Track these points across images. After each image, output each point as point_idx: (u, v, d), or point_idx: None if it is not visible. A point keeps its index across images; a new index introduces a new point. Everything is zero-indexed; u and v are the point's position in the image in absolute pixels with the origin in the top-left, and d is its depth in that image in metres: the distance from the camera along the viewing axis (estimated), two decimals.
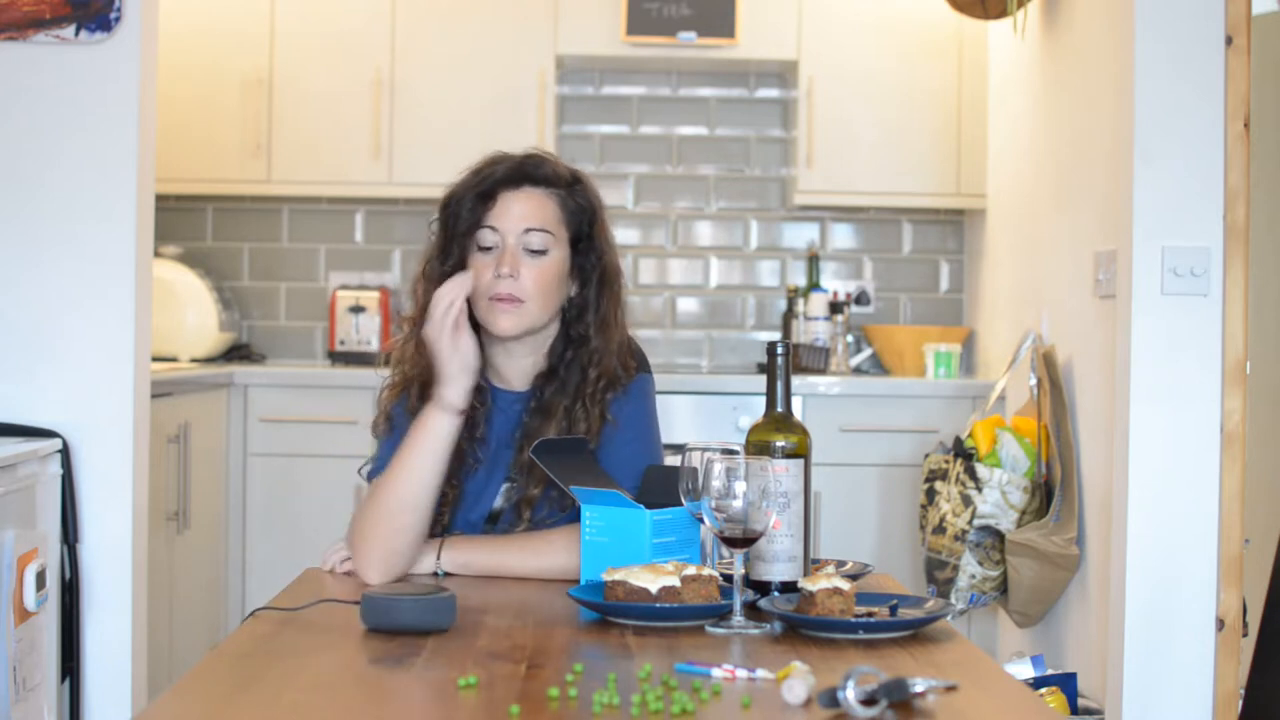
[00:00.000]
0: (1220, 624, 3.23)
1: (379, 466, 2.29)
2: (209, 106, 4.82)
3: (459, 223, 2.28)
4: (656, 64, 5.07)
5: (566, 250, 2.30)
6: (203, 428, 4.34)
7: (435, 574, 2.20)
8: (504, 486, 2.33)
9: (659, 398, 2.49)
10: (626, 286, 2.40)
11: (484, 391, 2.31)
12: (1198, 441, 3.24)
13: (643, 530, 2.03)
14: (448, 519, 2.28)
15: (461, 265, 2.27)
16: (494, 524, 2.32)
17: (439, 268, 2.30)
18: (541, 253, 2.26)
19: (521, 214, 2.27)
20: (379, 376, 2.41)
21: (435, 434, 2.19)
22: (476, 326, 2.26)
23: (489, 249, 2.26)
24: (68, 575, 3.20)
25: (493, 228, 2.26)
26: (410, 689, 1.63)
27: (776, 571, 2.01)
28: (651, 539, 2.03)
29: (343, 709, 1.56)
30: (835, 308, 4.96)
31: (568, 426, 2.28)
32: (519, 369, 2.33)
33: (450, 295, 2.19)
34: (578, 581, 2.13)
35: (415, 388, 2.30)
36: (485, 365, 2.31)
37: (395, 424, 2.30)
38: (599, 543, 2.07)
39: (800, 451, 2.03)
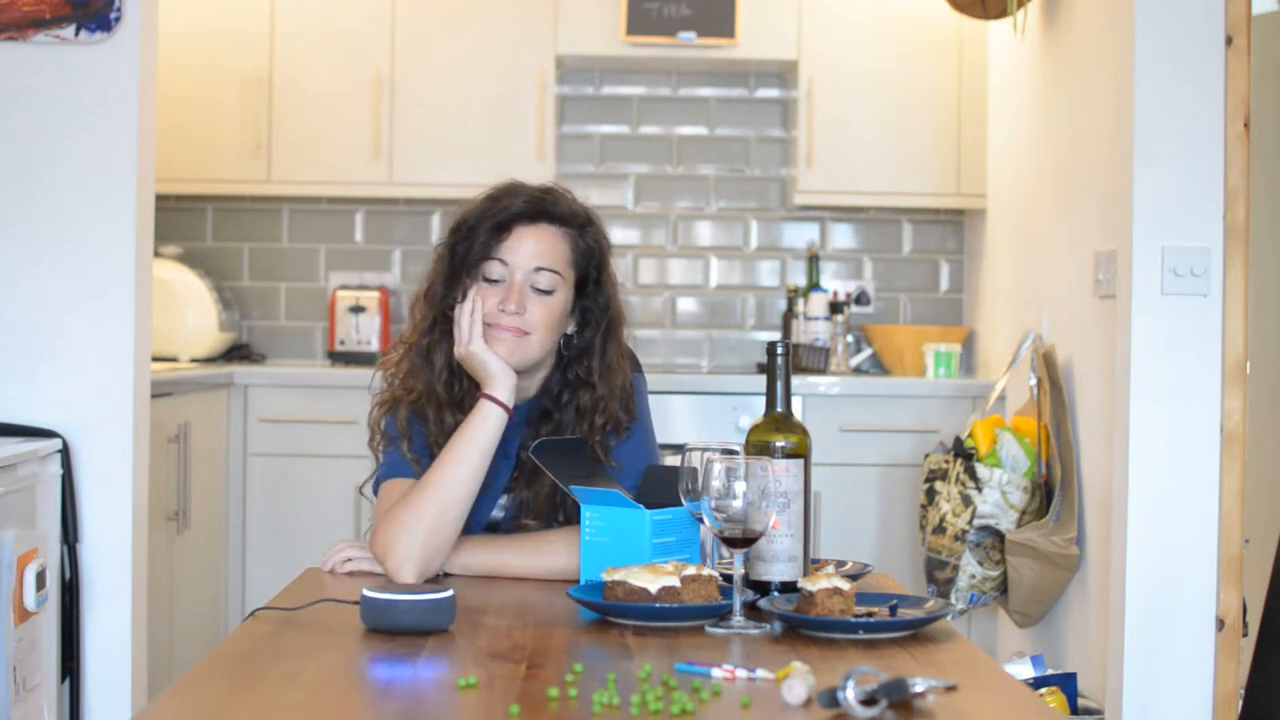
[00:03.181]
0: (1220, 624, 3.23)
1: (389, 472, 2.29)
2: (209, 106, 4.82)
3: (471, 252, 2.26)
4: (656, 64, 5.07)
5: (571, 291, 2.30)
6: (203, 428, 4.34)
7: (437, 574, 2.20)
8: (502, 499, 2.33)
9: (654, 397, 2.50)
10: (629, 328, 2.40)
11: None
12: (1198, 441, 3.24)
13: (643, 530, 2.03)
14: None
15: (464, 295, 2.26)
16: (493, 529, 2.32)
17: (442, 293, 2.29)
18: (548, 292, 2.26)
19: (534, 251, 2.26)
20: (372, 390, 2.41)
21: (485, 431, 2.19)
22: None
23: (496, 281, 2.25)
24: (68, 575, 3.20)
25: (503, 261, 2.25)
26: (410, 689, 1.63)
27: (776, 571, 2.01)
28: (651, 539, 2.03)
29: (343, 709, 1.56)
30: (835, 308, 4.96)
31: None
32: (523, 391, 2.33)
33: (470, 306, 2.23)
34: (578, 582, 2.13)
35: (404, 407, 2.30)
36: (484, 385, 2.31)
37: (393, 438, 2.30)
38: (599, 543, 2.07)
39: (800, 451, 2.03)
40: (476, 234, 2.26)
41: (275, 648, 1.78)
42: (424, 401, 2.29)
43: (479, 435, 2.20)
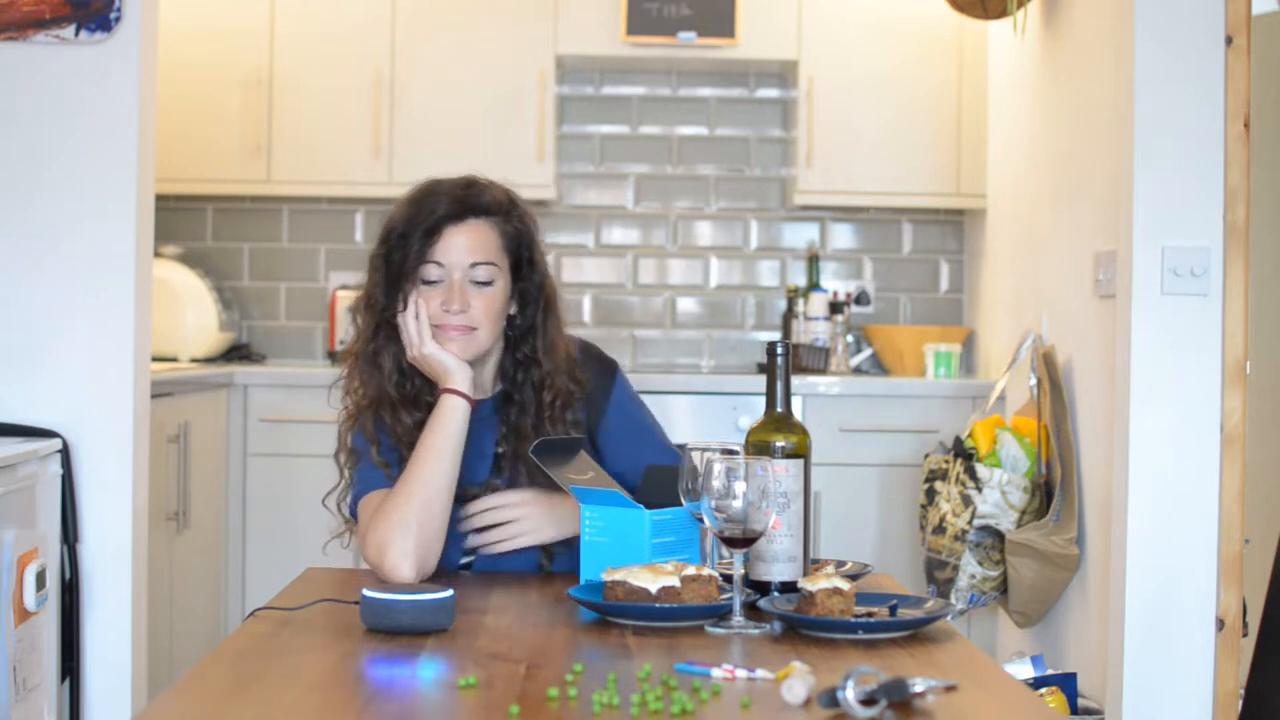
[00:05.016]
0: (1220, 624, 3.23)
1: (364, 488, 2.31)
2: (209, 106, 4.82)
3: (406, 260, 2.29)
4: (656, 64, 5.07)
5: (508, 277, 2.34)
6: (203, 428, 4.34)
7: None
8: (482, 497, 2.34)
9: (653, 397, 2.51)
10: (563, 302, 2.44)
11: None
12: (1198, 441, 3.24)
13: (642, 530, 2.03)
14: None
15: (404, 301, 2.29)
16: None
17: (383, 302, 2.32)
18: (487, 284, 2.30)
19: (467, 247, 2.29)
20: (333, 407, 2.45)
21: (453, 422, 2.24)
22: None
23: (434, 282, 2.29)
24: (68, 575, 3.20)
25: (439, 263, 2.29)
26: (410, 689, 1.63)
27: (776, 571, 2.01)
28: (651, 539, 2.03)
29: (343, 709, 1.56)
30: (835, 308, 4.96)
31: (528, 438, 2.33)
32: (480, 380, 2.37)
33: (414, 310, 2.28)
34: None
35: (368, 416, 2.33)
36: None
37: (360, 452, 2.33)
38: (599, 543, 2.07)
39: (800, 451, 2.03)
40: (408, 241, 2.29)
41: (275, 648, 1.78)
42: (379, 405, 2.33)
43: (448, 427, 2.24)
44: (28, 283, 3.24)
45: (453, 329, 2.28)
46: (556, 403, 2.35)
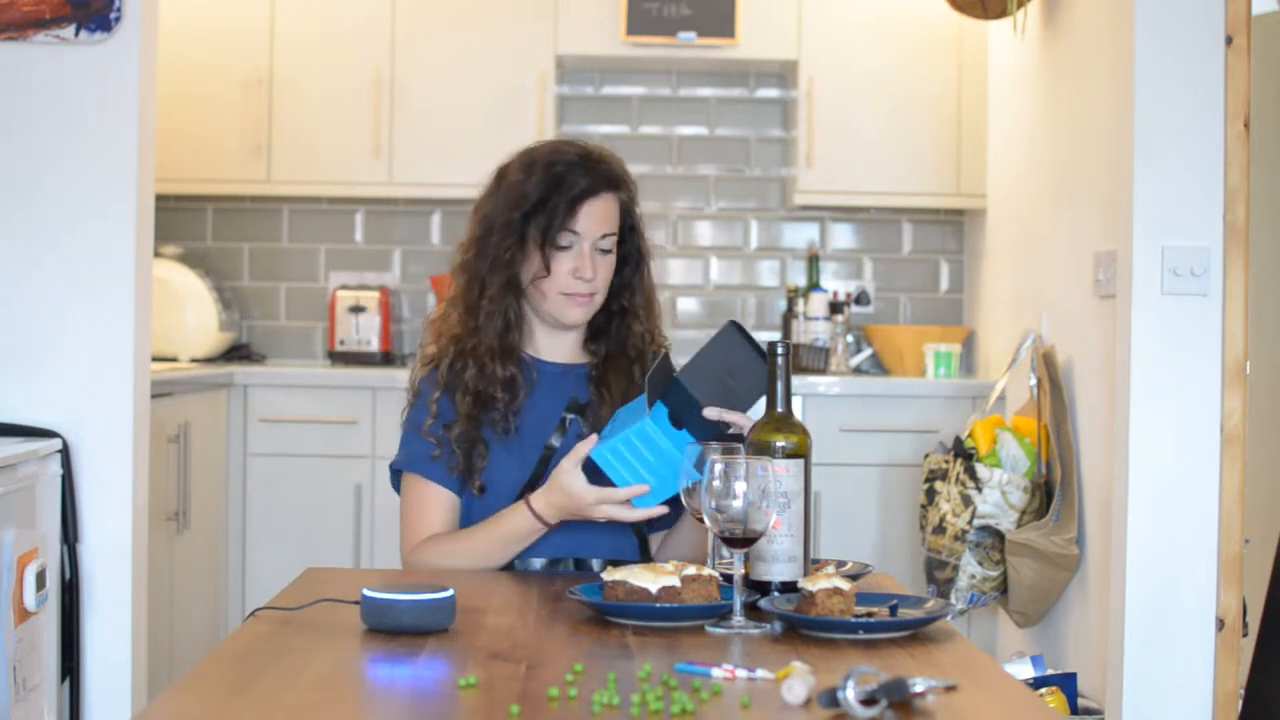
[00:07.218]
0: (1220, 624, 3.23)
1: (408, 463, 2.39)
2: (209, 106, 4.83)
3: (550, 227, 2.37)
4: (656, 64, 5.07)
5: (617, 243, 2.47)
6: (203, 428, 4.34)
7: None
8: (541, 455, 2.39)
9: None
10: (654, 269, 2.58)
11: (528, 366, 2.43)
12: (1198, 441, 3.24)
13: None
14: (480, 482, 2.36)
15: (544, 267, 2.37)
16: (531, 490, 2.35)
17: (519, 264, 2.39)
18: (608, 252, 2.43)
19: (599, 218, 2.41)
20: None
21: (517, 535, 2.30)
22: (519, 298, 2.42)
23: (565, 249, 2.38)
24: (68, 575, 3.20)
25: (574, 231, 2.39)
26: (410, 689, 1.63)
27: (776, 571, 2.01)
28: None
29: (343, 709, 1.56)
30: (835, 308, 4.96)
31: (625, 397, 2.43)
32: (565, 344, 2.47)
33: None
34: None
35: (445, 363, 2.41)
36: (525, 341, 2.45)
37: (421, 396, 2.41)
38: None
39: (800, 451, 2.03)
40: (549, 209, 2.38)
41: (275, 648, 1.78)
42: (475, 352, 2.39)
43: (512, 538, 2.30)
44: (28, 283, 3.24)
45: (580, 296, 2.39)
46: (649, 349, 2.46)
